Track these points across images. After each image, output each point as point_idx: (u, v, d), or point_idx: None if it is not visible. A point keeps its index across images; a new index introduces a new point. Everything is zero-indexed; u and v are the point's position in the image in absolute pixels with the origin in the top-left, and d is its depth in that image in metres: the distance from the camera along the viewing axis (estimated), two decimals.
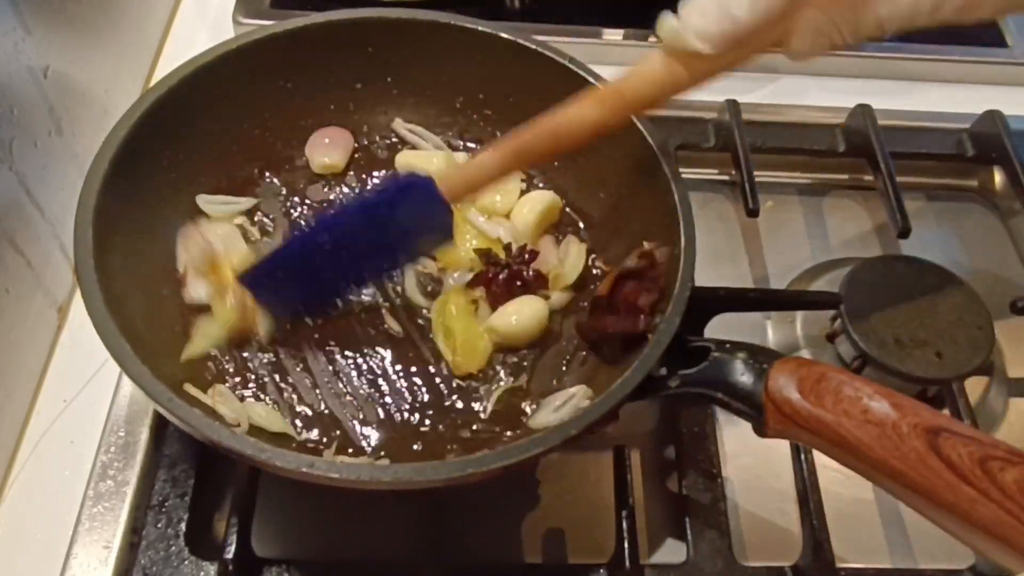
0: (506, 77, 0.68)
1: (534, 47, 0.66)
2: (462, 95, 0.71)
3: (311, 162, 0.70)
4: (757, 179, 0.75)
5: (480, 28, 0.67)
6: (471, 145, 0.72)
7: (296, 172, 0.70)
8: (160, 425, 0.60)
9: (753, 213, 0.73)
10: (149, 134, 0.59)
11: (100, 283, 0.51)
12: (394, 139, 0.72)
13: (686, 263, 0.55)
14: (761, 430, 0.50)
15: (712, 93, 0.83)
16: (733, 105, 0.80)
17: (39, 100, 0.63)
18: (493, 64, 0.67)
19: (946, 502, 0.42)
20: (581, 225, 0.69)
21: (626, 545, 0.56)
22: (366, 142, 0.72)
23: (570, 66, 0.65)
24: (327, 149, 0.70)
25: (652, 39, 0.88)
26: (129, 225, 0.58)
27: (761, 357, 0.50)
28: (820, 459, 0.62)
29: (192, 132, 0.63)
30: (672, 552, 0.59)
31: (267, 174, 0.69)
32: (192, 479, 0.58)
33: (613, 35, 0.88)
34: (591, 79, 0.64)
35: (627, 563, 0.55)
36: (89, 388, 0.64)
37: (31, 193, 0.62)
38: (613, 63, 0.65)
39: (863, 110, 0.81)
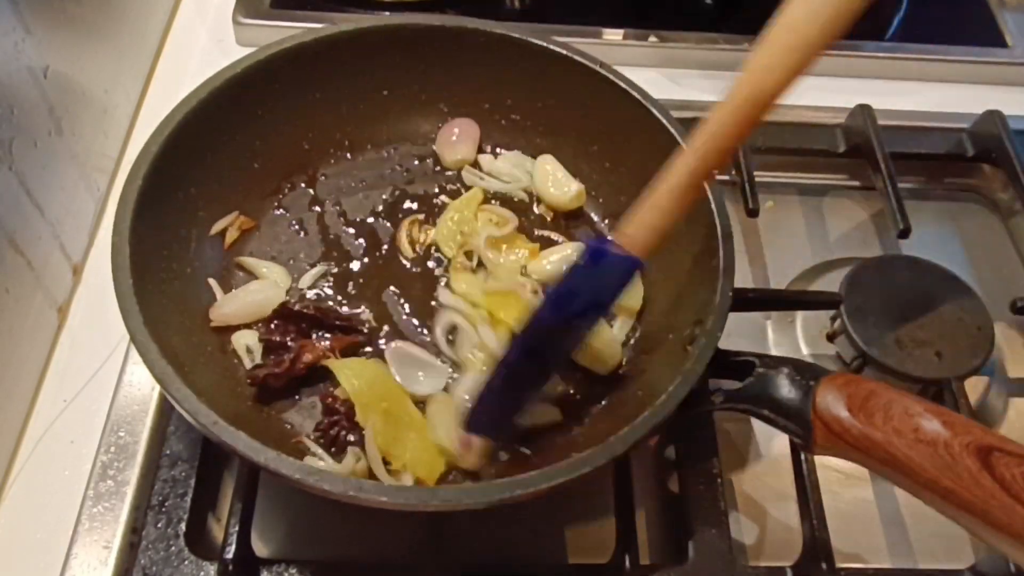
0: (534, 81, 0.67)
1: (563, 52, 0.65)
2: (489, 100, 0.71)
3: (442, 159, 0.70)
4: (757, 179, 0.75)
5: (511, 34, 0.66)
6: (499, 151, 0.72)
7: (324, 181, 0.70)
8: (160, 425, 0.60)
9: (753, 213, 0.73)
10: (180, 151, 0.59)
11: (140, 306, 0.51)
12: (423, 145, 0.72)
13: (726, 274, 0.55)
14: (808, 447, 0.49)
15: (712, 93, 0.84)
16: None
17: (39, 100, 0.63)
18: (521, 69, 0.67)
19: (1000, 523, 0.41)
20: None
21: (626, 545, 0.56)
22: (393, 151, 0.71)
23: (600, 71, 0.65)
24: (457, 144, 0.70)
25: (651, 39, 0.88)
26: (160, 247, 0.58)
27: (807, 373, 0.49)
28: (820, 459, 0.62)
29: (216, 149, 0.63)
30: (672, 552, 0.59)
31: (301, 184, 0.69)
32: (192, 479, 0.58)
33: (613, 35, 0.88)
34: (621, 83, 0.64)
35: (627, 563, 0.55)
36: (89, 388, 0.64)
37: (31, 193, 0.62)
38: (613, 63, 0.65)
39: (863, 110, 0.81)
